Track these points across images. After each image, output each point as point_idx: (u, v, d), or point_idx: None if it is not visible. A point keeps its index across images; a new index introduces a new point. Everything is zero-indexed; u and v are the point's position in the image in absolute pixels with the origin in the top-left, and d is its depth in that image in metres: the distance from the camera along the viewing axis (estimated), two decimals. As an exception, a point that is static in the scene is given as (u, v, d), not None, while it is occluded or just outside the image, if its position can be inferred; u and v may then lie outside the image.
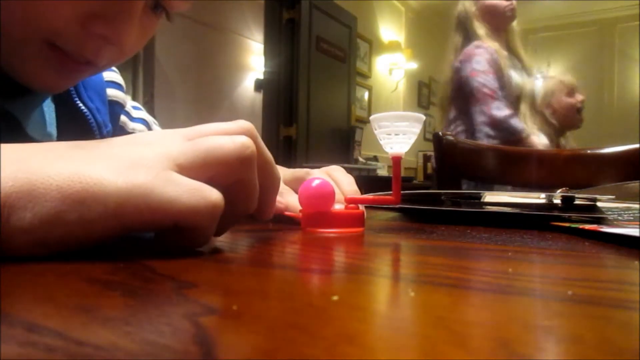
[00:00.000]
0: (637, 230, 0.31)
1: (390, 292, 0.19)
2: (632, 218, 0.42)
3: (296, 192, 0.41)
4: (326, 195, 0.34)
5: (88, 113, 0.46)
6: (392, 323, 0.14)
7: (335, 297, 0.16)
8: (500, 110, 1.50)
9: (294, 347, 0.11)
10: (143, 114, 0.62)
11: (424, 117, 0.33)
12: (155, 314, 0.14)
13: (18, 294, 0.16)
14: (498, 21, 1.66)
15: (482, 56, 1.56)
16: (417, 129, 0.33)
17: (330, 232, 0.34)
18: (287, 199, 0.40)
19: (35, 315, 0.13)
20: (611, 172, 0.97)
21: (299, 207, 0.37)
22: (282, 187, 0.41)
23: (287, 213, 0.39)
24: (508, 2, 1.65)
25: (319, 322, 0.13)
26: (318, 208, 0.34)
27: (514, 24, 1.72)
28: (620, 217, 0.42)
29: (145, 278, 0.19)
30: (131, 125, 0.59)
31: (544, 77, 1.89)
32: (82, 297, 0.16)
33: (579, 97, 1.87)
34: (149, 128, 0.62)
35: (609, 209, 0.50)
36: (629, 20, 4.80)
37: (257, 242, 0.31)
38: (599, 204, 0.50)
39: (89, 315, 0.14)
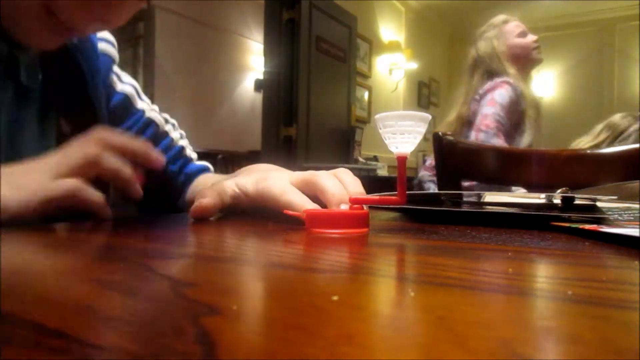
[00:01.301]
0: (637, 230, 0.31)
1: (390, 292, 0.19)
2: (632, 218, 0.42)
3: (305, 195, 0.41)
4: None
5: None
6: (392, 323, 0.14)
7: (335, 297, 0.16)
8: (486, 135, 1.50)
9: (294, 347, 0.11)
10: (132, 80, 0.65)
11: (429, 117, 0.33)
12: (156, 314, 0.14)
13: (18, 294, 0.16)
14: (526, 63, 1.64)
15: (507, 92, 1.53)
16: (422, 128, 0.32)
17: (334, 232, 0.33)
18: (291, 197, 0.40)
19: (35, 315, 0.13)
20: (611, 172, 0.97)
21: (304, 207, 0.37)
22: (286, 186, 0.41)
23: (289, 212, 0.39)
24: (536, 44, 1.63)
25: (319, 322, 0.13)
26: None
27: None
28: (620, 217, 0.42)
29: (145, 278, 0.19)
30: (120, 86, 0.62)
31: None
32: (82, 297, 0.16)
33: None
34: (139, 95, 0.64)
35: (609, 209, 0.50)
36: (629, 20, 4.80)
37: (258, 242, 0.31)
38: (599, 204, 0.50)
39: (90, 316, 0.14)
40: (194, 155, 0.69)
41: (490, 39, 1.67)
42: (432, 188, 1.69)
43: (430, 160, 1.76)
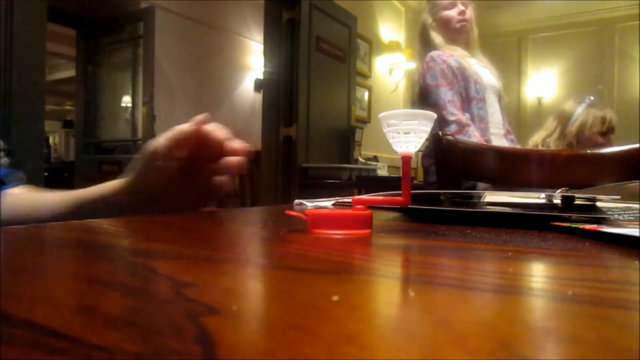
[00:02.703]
0: (637, 230, 0.31)
1: (390, 292, 0.19)
2: (632, 218, 0.42)
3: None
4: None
5: None
6: (392, 323, 0.14)
7: (335, 297, 0.16)
8: (450, 126, 1.55)
9: (294, 347, 0.11)
10: None
11: (434, 115, 0.32)
12: (156, 314, 0.14)
13: (18, 294, 0.16)
14: (452, 33, 1.72)
15: (434, 69, 1.61)
16: (427, 127, 0.32)
17: (337, 233, 0.33)
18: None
19: (35, 316, 0.13)
20: (611, 172, 0.97)
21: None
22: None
23: (291, 213, 0.39)
24: (460, 16, 1.70)
25: (319, 322, 0.13)
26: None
27: (474, 37, 1.76)
28: (620, 217, 0.42)
29: (145, 278, 0.19)
30: None
31: (589, 104, 1.87)
32: (82, 297, 0.16)
33: (609, 141, 1.86)
34: None
35: (609, 209, 0.50)
36: (629, 20, 4.80)
37: (259, 243, 0.31)
38: (598, 204, 0.50)
39: (90, 316, 0.14)
40: (2, 161, 0.62)
41: (424, 10, 1.78)
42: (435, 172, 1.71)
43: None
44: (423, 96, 1.64)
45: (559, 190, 0.52)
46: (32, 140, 1.82)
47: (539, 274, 0.23)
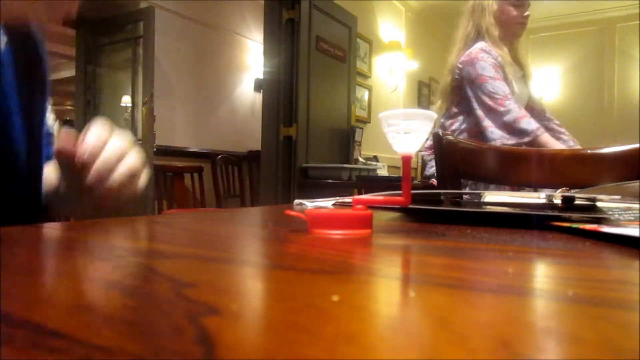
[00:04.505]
0: (637, 230, 0.31)
1: (390, 292, 0.19)
2: (632, 218, 0.42)
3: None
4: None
5: None
6: (392, 323, 0.14)
7: (335, 297, 0.16)
8: (510, 114, 1.50)
9: (294, 347, 0.11)
10: None
11: (435, 115, 0.32)
12: (156, 314, 0.14)
13: (18, 294, 0.16)
14: (506, 29, 1.66)
15: (486, 61, 1.55)
16: (428, 127, 0.32)
17: (337, 233, 0.33)
18: None
19: (35, 316, 0.13)
20: (611, 172, 0.97)
21: None
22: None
23: (291, 212, 0.39)
24: (522, 19, 1.64)
25: (319, 322, 0.13)
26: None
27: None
28: (620, 217, 0.42)
29: (145, 278, 0.19)
30: None
31: None
32: (82, 297, 0.16)
33: None
34: None
35: (609, 208, 0.50)
36: (629, 19, 4.80)
37: (259, 243, 0.31)
38: (598, 204, 0.50)
39: (90, 316, 0.14)
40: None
41: None
42: (434, 167, 1.68)
43: (430, 141, 1.75)
44: (473, 87, 1.56)
45: (559, 190, 0.52)
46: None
47: (539, 274, 0.23)
